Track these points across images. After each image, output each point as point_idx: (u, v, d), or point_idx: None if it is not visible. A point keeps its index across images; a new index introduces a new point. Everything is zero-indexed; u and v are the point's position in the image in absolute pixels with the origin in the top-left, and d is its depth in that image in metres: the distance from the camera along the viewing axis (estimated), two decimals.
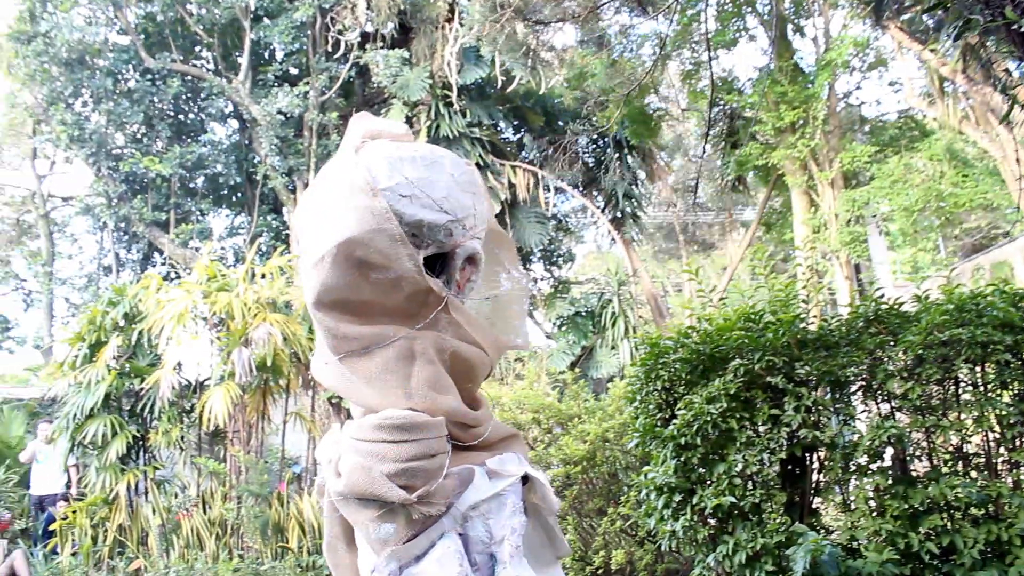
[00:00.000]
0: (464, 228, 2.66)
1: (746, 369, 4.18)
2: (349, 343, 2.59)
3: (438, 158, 2.73)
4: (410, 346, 2.52)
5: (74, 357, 11.09)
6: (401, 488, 2.44)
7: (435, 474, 2.46)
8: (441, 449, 2.50)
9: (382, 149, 2.86)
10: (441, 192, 2.63)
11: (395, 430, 2.52)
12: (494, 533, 2.42)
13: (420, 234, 2.59)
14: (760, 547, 3.97)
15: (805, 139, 13.76)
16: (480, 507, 2.44)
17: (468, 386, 2.64)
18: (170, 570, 9.10)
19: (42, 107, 18.34)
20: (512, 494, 2.45)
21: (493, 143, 16.55)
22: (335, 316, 2.63)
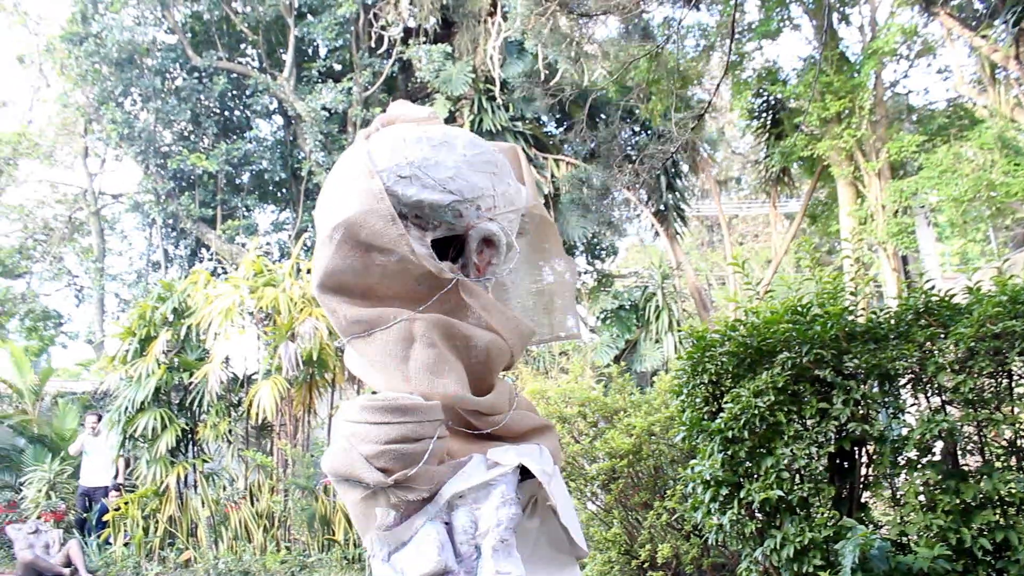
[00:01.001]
0: (478, 209, 2.62)
1: (794, 362, 4.14)
2: (353, 326, 2.56)
3: (450, 139, 2.69)
4: (410, 328, 2.48)
5: (125, 351, 11.32)
6: (380, 471, 2.42)
7: (415, 458, 2.40)
8: (426, 434, 2.43)
9: (392, 132, 2.82)
10: (446, 172, 2.59)
11: (377, 411, 2.45)
12: (480, 524, 2.36)
13: (424, 215, 2.57)
14: (808, 541, 3.93)
15: (851, 129, 13.56)
16: (468, 495, 2.39)
17: (481, 371, 2.58)
18: (219, 561, 9.27)
19: (93, 106, 18.73)
20: (503, 484, 2.39)
21: (536, 136, 16.54)
22: (338, 299, 2.60)
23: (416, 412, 2.45)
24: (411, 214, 2.57)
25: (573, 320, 3.28)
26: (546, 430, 2.72)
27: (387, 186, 2.55)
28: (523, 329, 2.68)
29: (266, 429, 11.40)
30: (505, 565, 2.33)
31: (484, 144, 2.77)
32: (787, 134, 15.19)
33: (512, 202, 2.77)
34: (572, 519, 2.58)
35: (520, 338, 2.65)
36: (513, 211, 2.77)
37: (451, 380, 2.45)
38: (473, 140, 2.75)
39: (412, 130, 2.73)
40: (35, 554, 10.27)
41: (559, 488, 2.60)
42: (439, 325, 2.49)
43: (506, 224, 2.73)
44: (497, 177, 2.72)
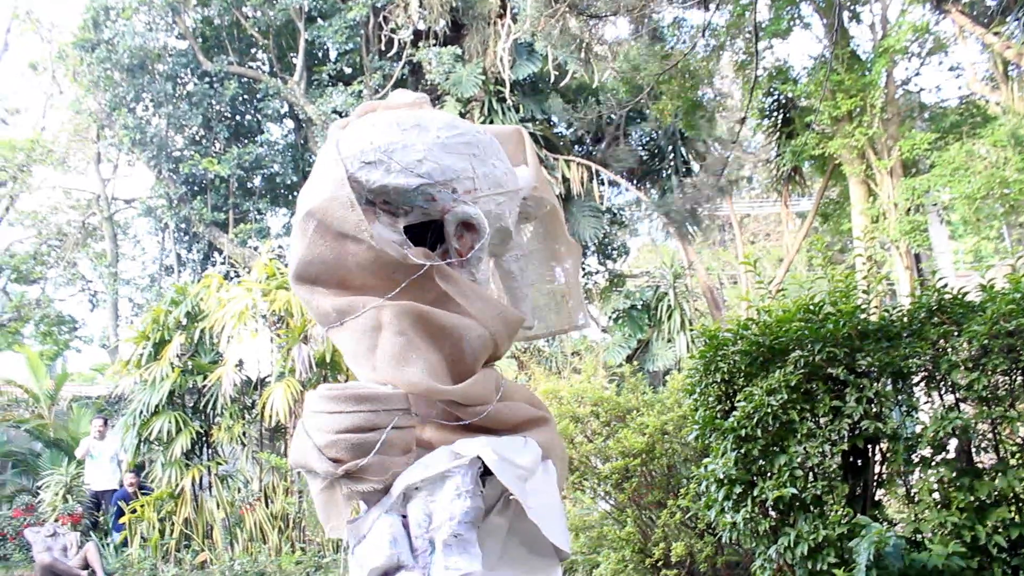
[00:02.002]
0: (453, 192, 2.54)
1: (806, 361, 4.14)
2: (326, 316, 2.52)
3: (424, 122, 2.62)
4: (378, 316, 2.43)
5: (139, 355, 11.39)
6: (332, 461, 2.37)
7: (366, 448, 2.34)
8: (380, 423, 2.37)
9: (366, 119, 2.76)
10: (415, 155, 2.52)
11: (333, 400, 2.41)
12: (434, 517, 2.30)
13: (392, 200, 2.52)
14: (822, 539, 3.93)
15: (863, 128, 13.52)
16: (424, 487, 2.33)
17: (459, 360, 2.50)
18: (235, 563, 9.31)
19: (105, 112, 18.84)
20: (458, 476, 2.31)
21: (547, 137, 16.56)
22: (313, 289, 2.55)
23: (372, 401, 2.39)
24: (379, 200, 2.52)
25: (583, 313, 3.23)
26: (540, 423, 2.64)
27: (351, 173, 2.50)
28: (508, 316, 2.59)
29: (280, 431, 11.44)
30: (457, 561, 2.26)
31: (465, 125, 2.69)
32: (798, 133, 15.16)
33: (500, 184, 2.69)
34: (552, 517, 2.47)
35: (505, 326, 2.57)
36: (501, 193, 2.69)
37: (417, 369, 2.39)
38: (451, 122, 2.66)
39: (385, 116, 2.68)
40: (53, 556, 10.34)
41: (543, 484, 2.51)
42: (409, 313, 2.43)
43: (493, 207, 2.65)
44: (478, 159, 2.64)
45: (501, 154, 2.79)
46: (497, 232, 2.71)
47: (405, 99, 2.86)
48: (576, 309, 3.19)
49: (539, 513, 2.39)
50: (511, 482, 2.33)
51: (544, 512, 2.42)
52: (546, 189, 3.00)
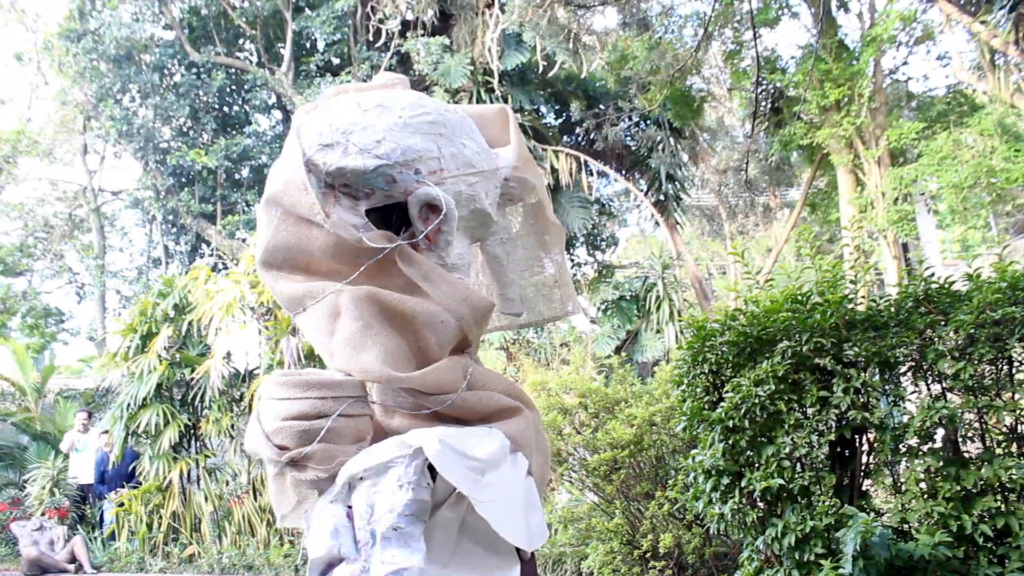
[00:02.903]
0: (416, 173, 2.47)
1: (794, 351, 4.14)
2: (289, 303, 2.48)
3: (388, 102, 2.55)
4: (336, 302, 2.38)
5: (126, 348, 11.34)
6: (277, 448, 2.33)
7: (310, 436, 2.29)
8: (326, 410, 2.32)
9: (329, 102, 2.70)
10: (374, 136, 2.46)
11: (282, 387, 2.36)
12: (376, 508, 2.23)
13: (351, 183, 2.44)
14: (809, 529, 3.94)
15: (850, 117, 13.54)
16: (368, 477, 2.25)
17: (422, 346, 2.44)
18: (223, 556, 9.30)
19: (92, 103, 18.71)
20: (401, 466, 2.24)
21: (535, 128, 16.52)
22: (275, 275, 2.50)
23: (320, 388, 2.34)
24: (338, 183, 2.46)
25: (573, 300, 3.16)
26: (512, 413, 2.56)
27: (309, 156, 2.45)
28: (475, 301, 2.49)
29: None
30: (395, 554, 2.18)
31: (432, 104, 2.62)
32: (786, 123, 15.17)
33: (471, 164, 2.62)
34: (509, 513, 2.37)
35: (472, 311, 2.47)
36: (474, 173, 2.62)
37: (373, 356, 2.33)
38: (417, 102, 2.60)
39: (349, 97, 2.62)
40: (40, 550, 10.30)
41: (507, 478, 2.42)
42: (367, 298, 2.38)
43: (464, 188, 2.58)
44: (444, 138, 2.57)
45: (474, 133, 2.72)
46: (473, 214, 2.64)
47: (382, 80, 2.79)
48: (566, 296, 3.13)
49: (493, 508, 2.29)
50: (458, 475, 2.23)
51: (500, 507, 2.32)
52: (530, 169, 2.89)
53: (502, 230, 2.88)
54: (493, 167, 2.71)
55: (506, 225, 2.92)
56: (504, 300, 2.93)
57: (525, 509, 2.46)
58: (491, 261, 2.91)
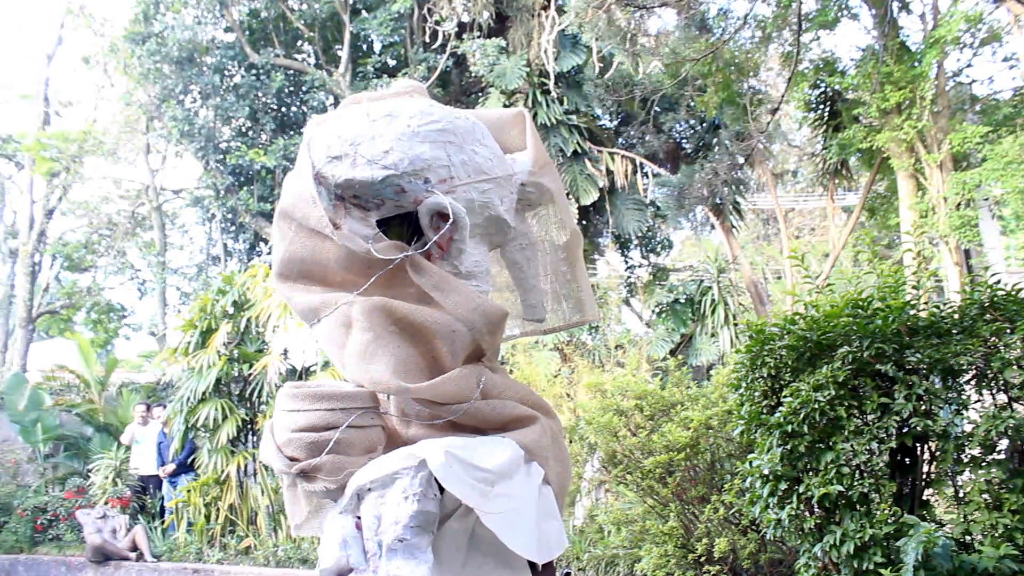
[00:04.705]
0: (426, 182, 2.44)
1: (854, 356, 4.09)
2: (307, 314, 2.51)
3: (395, 111, 2.53)
4: (348, 313, 2.40)
5: (187, 343, 11.56)
6: (288, 459, 2.37)
7: (319, 447, 2.32)
8: (335, 422, 2.33)
9: (339, 112, 2.67)
10: (382, 146, 2.44)
11: (293, 399, 2.41)
12: (383, 519, 2.23)
13: (360, 194, 2.45)
14: (869, 538, 3.89)
15: (912, 120, 13.28)
16: (375, 488, 2.26)
17: (434, 356, 2.43)
18: (278, 549, 9.44)
19: (155, 104, 19.14)
20: (406, 478, 2.22)
21: (590, 130, 16.50)
22: (290, 287, 2.54)
23: (329, 400, 2.36)
24: (347, 194, 2.46)
25: (592, 305, 3.11)
26: (528, 422, 2.53)
27: (318, 169, 2.46)
28: (487, 309, 2.46)
29: None
30: (401, 566, 2.18)
31: (442, 112, 2.59)
32: (845, 126, 14.93)
33: (483, 171, 2.58)
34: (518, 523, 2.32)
35: (485, 319, 2.45)
36: (486, 180, 2.58)
37: (382, 366, 2.32)
38: (426, 110, 2.57)
39: (359, 108, 2.61)
40: (103, 538, 10.58)
41: (519, 488, 2.38)
42: (378, 309, 2.37)
43: (476, 195, 2.55)
44: (454, 146, 2.53)
45: (486, 139, 2.69)
46: (489, 221, 2.63)
47: (397, 88, 2.77)
48: (588, 301, 3.08)
49: (501, 520, 2.28)
50: (463, 487, 2.22)
51: (509, 519, 2.30)
52: (547, 174, 2.88)
53: (521, 236, 2.85)
54: (507, 173, 2.70)
55: (525, 231, 2.88)
56: (526, 306, 2.91)
57: (538, 520, 2.43)
58: (511, 267, 2.88)
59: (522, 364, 10.92)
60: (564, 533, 2.59)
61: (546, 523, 2.47)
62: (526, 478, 2.44)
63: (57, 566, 11.31)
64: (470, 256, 2.57)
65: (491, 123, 2.85)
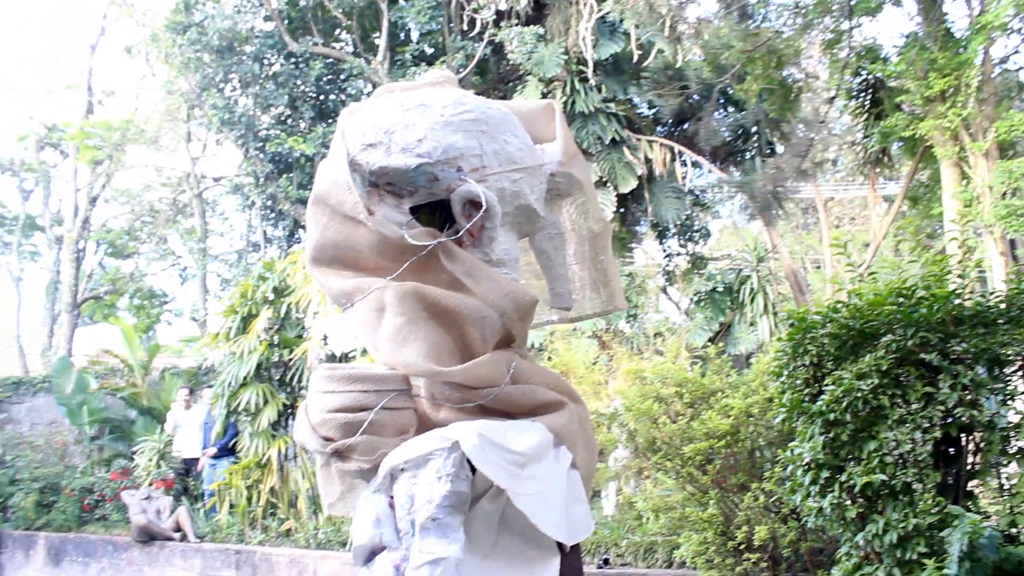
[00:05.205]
0: (458, 171, 2.48)
1: (898, 345, 4.07)
2: (340, 298, 2.53)
3: (430, 100, 2.57)
4: (381, 298, 2.42)
5: (228, 329, 11.73)
6: (323, 439, 2.42)
7: (354, 428, 2.36)
8: (369, 403, 2.38)
9: (373, 101, 2.72)
10: (416, 135, 2.47)
11: (328, 380, 2.46)
12: (416, 499, 2.26)
13: (394, 181, 2.48)
14: (912, 528, 3.88)
15: (956, 108, 13.05)
16: (408, 468, 2.29)
17: (467, 341, 2.46)
18: (319, 531, 9.58)
19: (195, 93, 19.37)
20: (440, 458, 2.26)
21: (629, 118, 16.44)
22: (324, 272, 2.57)
23: (363, 381, 2.41)
24: (382, 182, 2.50)
25: (621, 294, 3.14)
26: (557, 407, 2.57)
27: (353, 156, 2.49)
28: (519, 297, 2.50)
29: None
30: (433, 544, 2.22)
31: (474, 102, 2.63)
32: (887, 114, 14.73)
33: (514, 160, 2.62)
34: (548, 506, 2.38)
35: (516, 306, 2.49)
36: (517, 169, 2.62)
37: (415, 350, 2.36)
38: (459, 100, 2.61)
39: (393, 97, 2.65)
40: (148, 518, 10.82)
41: (548, 471, 2.43)
42: (411, 294, 2.41)
43: (508, 184, 2.58)
44: (487, 135, 2.57)
45: (517, 130, 2.72)
46: (519, 210, 2.66)
47: (429, 79, 2.83)
48: (616, 291, 3.12)
49: (531, 501, 2.32)
50: (495, 469, 2.27)
51: (539, 501, 2.35)
52: (576, 164, 2.90)
53: (550, 225, 2.88)
54: (538, 163, 2.72)
55: (554, 220, 2.92)
56: (553, 295, 2.94)
57: (566, 503, 2.47)
58: (540, 256, 2.92)
59: (561, 351, 10.95)
60: (591, 517, 2.65)
61: (574, 506, 2.52)
62: (555, 462, 2.48)
63: (104, 545, 11.57)
64: (500, 244, 2.60)
65: (522, 114, 2.89)
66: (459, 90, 2.78)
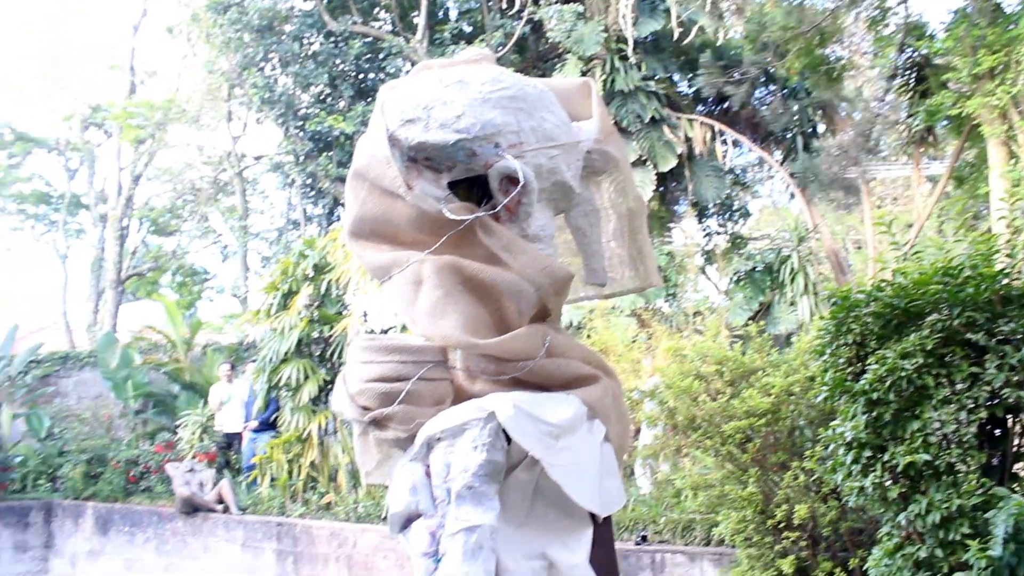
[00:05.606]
0: (496, 147, 2.51)
1: (944, 325, 4.03)
2: (375, 272, 2.58)
3: (468, 77, 2.60)
4: (419, 271, 2.46)
5: (269, 305, 11.88)
6: (361, 408, 2.49)
7: (391, 397, 2.43)
8: (407, 374, 2.44)
9: (412, 78, 2.76)
10: (454, 111, 2.50)
11: (366, 350, 2.52)
12: (452, 468, 2.31)
13: (432, 157, 2.52)
14: (955, 508, 3.85)
15: (1006, 86, 12.78)
16: (444, 438, 2.35)
17: (503, 315, 2.49)
18: (358, 505, 9.71)
19: (236, 72, 19.51)
20: (475, 428, 2.31)
21: (669, 96, 16.30)
22: (362, 245, 2.61)
23: (401, 352, 2.47)
24: (420, 157, 2.53)
25: (656, 272, 3.15)
26: (590, 380, 2.60)
27: (392, 131, 2.53)
28: (555, 271, 2.54)
29: None
30: (469, 512, 2.26)
31: (512, 79, 2.65)
32: (933, 92, 14.46)
33: (551, 137, 2.63)
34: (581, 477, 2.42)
35: (552, 280, 2.52)
36: (554, 146, 2.64)
37: (452, 322, 2.39)
38: (497, 77, 2.62)
39: (432, 74, 2.67)
40: (191, 490, 11.04)
41: (581, 443, 2.46)
42: (449, 267, 2.44)
43: (544, 161, 2.61)
44: (524, 112, 2.59)
45: (554, 107, 2.74)
46: (555, 187, 2.68)
47: (467, 56, 2.85)
48: (651, 268, 3.13)
49: (565, 472, 2.37)
50: (531, 439, 2.32)
51: (573, 472, 2.39)
52: (612, 142, 2.92)
53: (585, 202, 2.90)
54: (574, 140, 2.74)
55: (589, 197, 2.94)
56: (588, 271, 2.96)
57: (600, 475, 2.51)
58: (575, 232, 2.94)
59: (600, 329, 10.96)
60: (623, 490, 2.69)
61: (607, 479, 2.56)
62: (588, 434, 2.52)
63: (149, 515, 11.84)
64: (537, 220, 2.63)
65: (559, 91, 2.91)
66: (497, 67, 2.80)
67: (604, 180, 3.08)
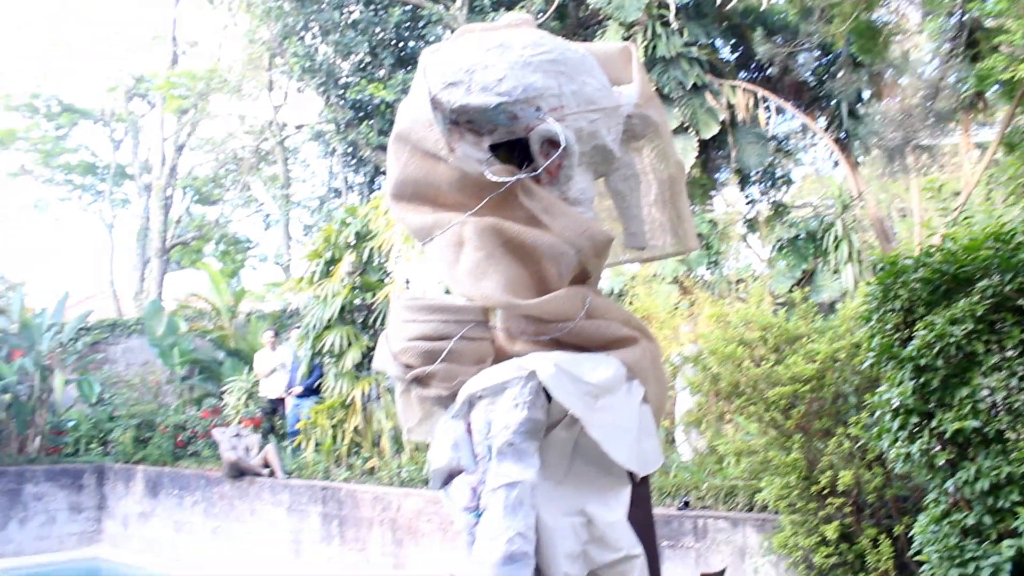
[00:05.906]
0: (537, 110, 2.53)
1: (994, 290, 3.98)
2: (419, 233, 2.63)
3: (509, 41, 2.61)
4: (460, 232, 2.50)
5: (312, 272, 12.01)
6: (404, 366, 2.55)
7: (433, 356, 2.49)
8: (448, 333, 2.50)
9: (454, 42, 2.78)
10: (496, 75, 2.52)
11: (408, 310, 2.58)
12: (493, 425, 2.37)
13: (474, 120, 2.55)
14: (1005, 476, 3.82)
15: None
16: (485, 396, 2.40)
17: (543, 276, 2.53)
18: (402, 470, 9.84)
19: (277, 41, 19.62)
20: (516, 387, 2.36)
21: (711, 62, 16.08)
22: (404, 207, 2.66)
23: (443, 311, 2.52)
24: (462, 120, 2.56)
25: (693, 236, 3.15)
26: (629, 342, 2.63)
27: (434, 95, 2.55)
28: (594, 234, 2.56)
29: None
30: (510, 468, 2.31)
31: (553, 43, 2.65)
32: (983, 56, 14.10)
33: (592, 101, 2.64)
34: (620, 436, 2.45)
35: (592, 243, 2.54)
36: (595, 110, 2.65)
37: (493, 283, 2.43)
38: (538, 41, 2.63)
39: (473, 37, 2.70)
40: (238, 455, 11.26)
41: (620, 403, 2.51)
42: (490, 229, 2.47)
43: (585, 124, 2.62)
44: (565, 76, 2.59)
45: (595, 71, 2.75)
46: (595, 150, 2.70)
47: (508, 20, 2.85)
48: (690, 231, 3.13)
49: (604, 431, 2.41)
50: (571, 398, 2.36)
51: (612, 431, 2.44)
52: (652, 107, 2.93)
53: (625, 166, 2.92)
54: (614, 104, 2.76)
55: (629, 161, 2.95)
56: (627, 234, 2.98)
57: (638, 434, 2.56)
58: (615, 196, 2.96)
59: (642, 296, 10.94)
60: (660, 451, 2.74)
61: (645, 439, 2.60)
62: (627, 395, 2.56)
63: (197, 479, 12.12)
64: (577, 183, 2.65)
65: (599, 56, 2.92)
66: (538, 31, 2.80)
67: (645, 146, 3.09)
